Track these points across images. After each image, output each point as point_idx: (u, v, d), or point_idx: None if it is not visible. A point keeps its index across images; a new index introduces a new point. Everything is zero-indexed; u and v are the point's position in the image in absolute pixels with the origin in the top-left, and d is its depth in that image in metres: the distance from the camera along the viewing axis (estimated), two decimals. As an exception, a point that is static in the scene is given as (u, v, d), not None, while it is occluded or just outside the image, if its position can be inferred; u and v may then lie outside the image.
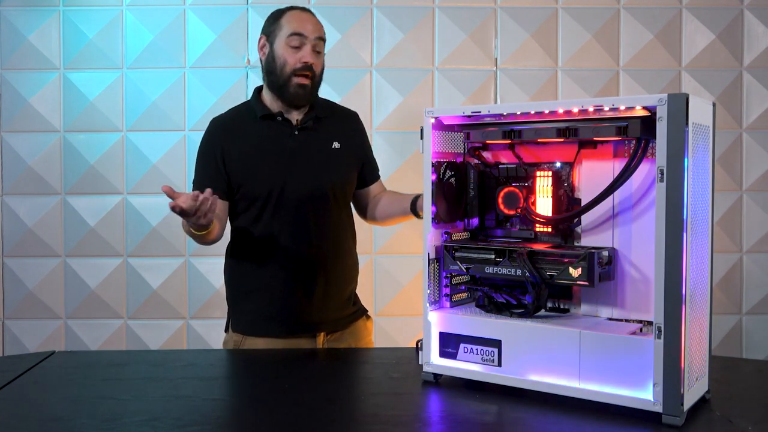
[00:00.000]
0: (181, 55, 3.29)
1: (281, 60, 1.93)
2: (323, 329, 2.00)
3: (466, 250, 1.53)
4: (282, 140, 1.97)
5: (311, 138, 1.99)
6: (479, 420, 1.33)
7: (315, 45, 1.94)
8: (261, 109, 1.99)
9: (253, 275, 1.99)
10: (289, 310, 1.96)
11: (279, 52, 1.93)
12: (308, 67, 1.92)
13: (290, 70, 1.92)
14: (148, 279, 3.30)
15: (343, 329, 2.03)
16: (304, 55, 1.92)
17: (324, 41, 1.98)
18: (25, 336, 3.32)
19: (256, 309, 1.99)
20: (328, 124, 2.03)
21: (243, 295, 2.02)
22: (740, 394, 1.49)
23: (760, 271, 3.33)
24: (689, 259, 1.25)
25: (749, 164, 3.33)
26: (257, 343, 1.98)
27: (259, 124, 1.98)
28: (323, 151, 1.99)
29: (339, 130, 2.04)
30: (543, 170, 1.54)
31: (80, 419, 1.33)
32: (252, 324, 2.00)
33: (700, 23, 3.31)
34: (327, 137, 2.01)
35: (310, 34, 1.93)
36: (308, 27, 1.93)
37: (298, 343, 1.96)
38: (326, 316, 1.99)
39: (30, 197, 3.31)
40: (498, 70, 3.31)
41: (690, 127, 1.25)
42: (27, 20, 3.29)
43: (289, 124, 1.98)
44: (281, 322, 1.97)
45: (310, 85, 1.94)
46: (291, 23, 1.93)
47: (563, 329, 1.39)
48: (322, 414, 1.36)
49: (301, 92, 1.93)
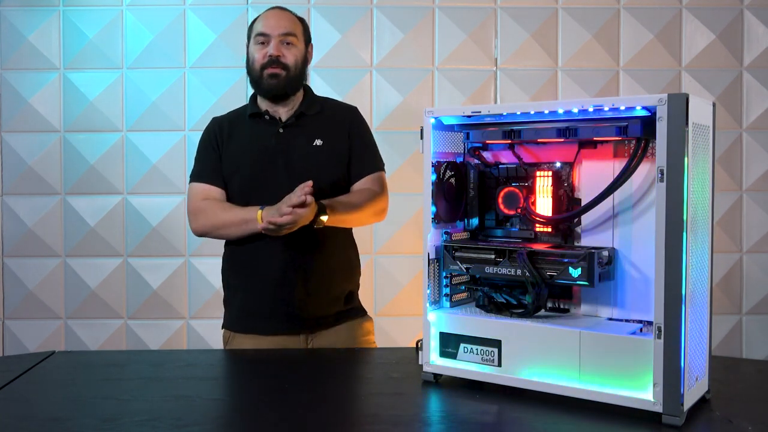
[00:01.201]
0: (181, 55, 3.30)
1: (251, 58, 2.03)
2: (306, 326, 1.98)
3: (466, 250, 1.53)
4: (265, 138, 2.01)
5: (294, 136, 2.02)
6: (479, 420, 1.33)
7: (282, 39, 2.00)
8: (251, 108, 2.07)
9: (238, 272, 2.03)
10: (270, 308, 1.97)
11: (249, 51, 2.05)
12: (274, 60, 1.99)
13: (258, 65, 2.00)
14: (148, 279, 3.30)
15: (327, 328, 2.00)
16: (269, 49, 1.99)
17: (295, 35, 2.02)
18: (25, 336, 3.32)
19: (240, 306, 2.03)
20: (314, 122, 2.05)
21: (230, 292, 2.07)
22: (740, 394, 1.48)
23: (760, 271, 3.33)
24: (689, 259, 1.25)
25: (749, 164, 3.33)
26: (243, 340, 2.00)
27: (249, 122, 2.05)
28: (304, 149, 2.00)
29: (324, 126, 2.04)
30: (543, 170, 1.54)
31: (80, 419, 1.32)
32: (237, 321, 2.04)
33: (700, 23, 3.31)
34: (310, 135, 2.02)
35: (274, 31, 2.00)
36: (271, 24, 2.01)
37: (283, 341, 1.96)
38: (308, 313, 1.97)
39: (30, 197, 3.31)
40: (498, 70, 3.31)
41: (690, 127, 1.25)
42: (27, 20, 3.29)
43: (274, 123, 2.03)
44: (263, 319, 1.98)
45: (283, 75, 1.99)
46: (258, 24, 2.03)
47: (563, 329, 1.39)
48: (322, 414, 1.36)
49: (273, 82, 2.00)
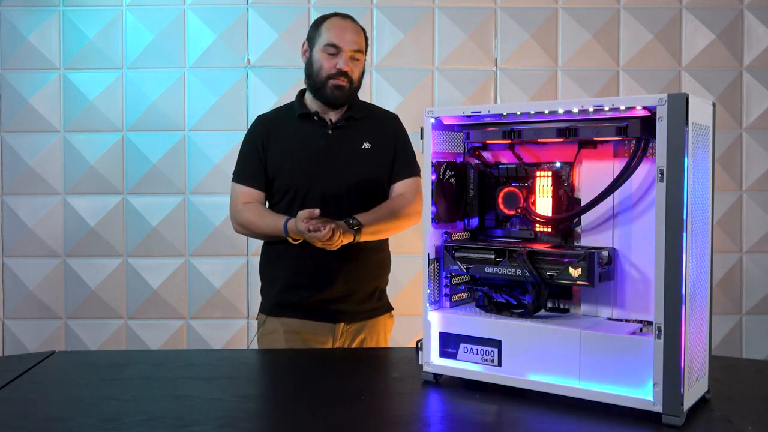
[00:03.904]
0: (181, 55, 3.29)
1: (318, 65, 2.04)
2: (342, 320, 2.06)
3: (466, 250, 1.53)
4: (315, 138, 2.06)
5: (343, 137, 2.07)
6: (479, 420, 1.33)
7: (352, 55, 2.03)
8: (300, 109, 2.10)
9: (279, 264, 2.08)
10: (310, 299, 2.04)
11: (316, 58, 2.05)
12: (343, 73, 2.01)
13: (325, 75, 2.02)
14: (148, 279, 3.30)
15: (362, 321, 2.09)
16: (339, 62, 2.01)
17: (363, 51, 2.06)
18: (25, 336, 3.32)
19: (279, 294, 2.08)
20: (361, 125, 2.10)
21: (269, 280, 2.13)
22: (740, 394, 1.48)
23: (760, 271, 3.33)
24: (689, 259, 1.25)
25: (749, 164, 3.33)
26: (279, 321, 2.05)
27: (297, 122, 2.09)
28: (353, 151, 2.06)
29: (372, 130, 2.10)
30: (543, 170, 1.54)
31: (80, 419, 1.33)
32: (274, 306, 2.09)
33: (700, 23, 3.31)
34: (359, 137, 2.08)
35: (347, 46, 2.02)
36: (346, 38, 2.02)
37: (316, 327, 2.03)
38: (345, 308, 2.05)
39: (30, 197, 3.31)
40: (498, 70, 3.31)
41: (690, 127, 1.25)
42: (27, 20, 3.29)
43: (323, 124, 2.08)
44: (301, 309, 2.04)
45: (347, 87, 2.03)
46: (329, 32, 2.03)
47: (563, 329, 1.39)
48: (322, 413, 1.36)
49: (337, 93, 2.03)
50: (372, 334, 2.11)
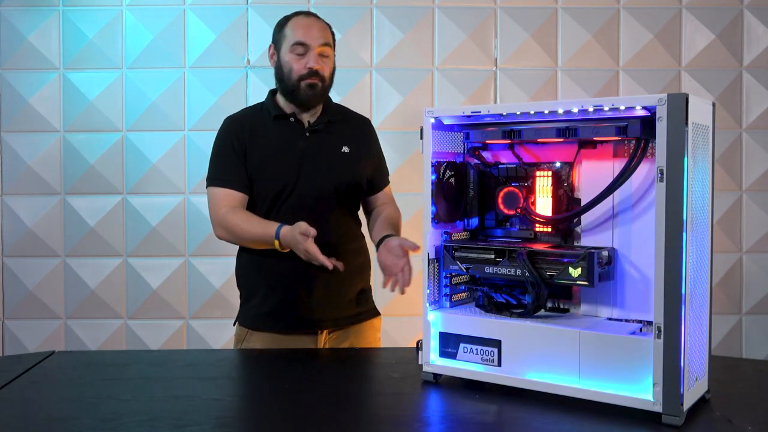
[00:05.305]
0: (181, 55, 3.29)
1: (287, 67, 1.99)
2: (324, 327, 2.01)
3: (465, 250, 1.53)
4: (294, 141, 2.01)
5: (322, 140, 2.03)
6: (479, 420, 1.33)
7: (321, 51, 1.98)
8: (275, 110, 2.04)
9: (258, 272, 2.03)
10: (290, 308, 1.99)
11: (285, 60, 1.99)
12: (314, 72, 1.97)
13: (297, 76, 1.97)
14: (148, 279, 3.30)
15: (345, 328, 2.04)
16: (309, 61, 1.96)
17: (331, 45, 2.01)
18: (25, 336, 3.32)
19: (259, 305, 2.02)
20: (339, 129, 2.07)
21: (249, 290, 2.06)
22: (740, 394, 1.49)
23: (760, 271, 3.33)
24: (689, 259, 1.25)
25: (749, 164, 3.33)
26: (260, 338, 2.00)
27: (273, 123, 2.03)
28: (333, 154, 2.03)
29: (350, 135, 2.07)
30: (543, 170, 1.54)
31: (80, 419, 1.33)
32: (255, 319, 2.03)
33: (700, 23, 3.31)
34: (337, 141, 2.04)
35: (314, 42, 1.97)
36: (311, 35, 1.97)
37: (300, 340, 1.98)
38: (327, 314, 2.00)
39: (30, 197, 3.31)
40: (498, 70, 3.31)
41: (690, 127, 1.25)
42: (27, 20, 3.29)
43: (301, 126, 2.03)
44: (282, 319, 1.99)
45: (320, 85, 1.98)
46: (295, 32, 1.98)
47: (563, 329, 1.39)
48: (322, 414, 1.36)
49: (311, 93, 1.98)
50: (359, 340, 2.06)
